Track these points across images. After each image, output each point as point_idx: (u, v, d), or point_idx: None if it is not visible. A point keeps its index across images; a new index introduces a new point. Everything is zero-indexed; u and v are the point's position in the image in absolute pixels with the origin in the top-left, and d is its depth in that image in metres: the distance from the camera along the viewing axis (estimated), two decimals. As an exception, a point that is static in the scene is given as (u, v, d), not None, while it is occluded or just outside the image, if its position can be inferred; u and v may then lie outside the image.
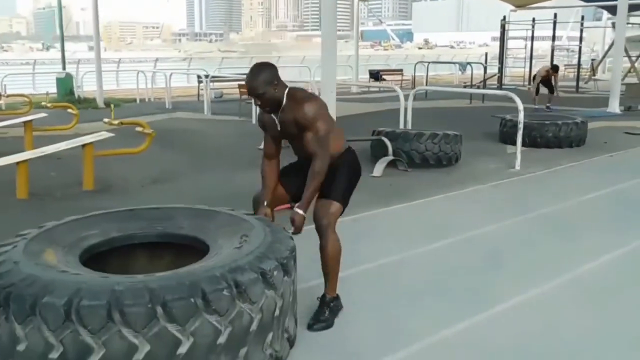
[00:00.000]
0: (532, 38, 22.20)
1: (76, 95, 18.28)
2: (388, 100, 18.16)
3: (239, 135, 11.82)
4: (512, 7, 25.38)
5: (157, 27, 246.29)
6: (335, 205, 3.87)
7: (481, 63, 21.20)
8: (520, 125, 8.63)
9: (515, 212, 6.45)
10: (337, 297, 3.99)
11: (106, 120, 8.75)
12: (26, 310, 2.76)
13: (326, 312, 3.89)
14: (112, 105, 11.84)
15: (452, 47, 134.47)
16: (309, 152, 3.79)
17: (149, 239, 3.83)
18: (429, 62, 22.00)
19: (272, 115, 3.84)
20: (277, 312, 3.14)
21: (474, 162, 8.94)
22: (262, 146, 4.07)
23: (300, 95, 3.77)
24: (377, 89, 22.74)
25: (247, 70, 3.88)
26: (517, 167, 8.57)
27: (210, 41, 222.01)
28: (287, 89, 3.76)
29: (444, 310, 4.05)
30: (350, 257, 4.55)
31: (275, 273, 3.09)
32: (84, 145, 7.27)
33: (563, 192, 7.40)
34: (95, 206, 5.87)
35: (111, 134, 7.88)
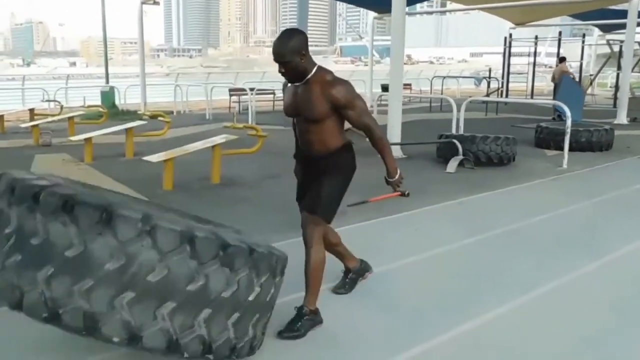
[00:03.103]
0: (535, 54, 23.75)
1: (119, 108, 19.29)
2: (408, 112, 19.61)
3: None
4: (512, 25, 26.97)
5: (135, 43, 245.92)
6: (320, 221, 3.85)
7: (495, 78, 22.69)
8: (568, 130, 10.09)
9: (584, 196, 7.93)
10: (315, 311, 3.84)
11: (228, 124, 10.08)
12: None
13: (299, 323, 3.75)
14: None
15: (431, 62, 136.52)
16: (312, 138, 3.80)
17: None
18: (444, 77, 23.47)
19: (295, 85, 3.79)
20: None
21: (526, 162, 10.39)
22: None
23: (333, 77, 3.71)
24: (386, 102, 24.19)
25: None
26: (565, 166, 10.02)
27: (191, 57, 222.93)
28: (317, 66, 3.70)
29: (569, 260, 5.43)
30: (475, 227, 6.32)
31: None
32: (213, 146, 8.59)
33: (612, 183, 8.90)
34: (232, 195, 7.84)
35: (235, 136, 9.10)
